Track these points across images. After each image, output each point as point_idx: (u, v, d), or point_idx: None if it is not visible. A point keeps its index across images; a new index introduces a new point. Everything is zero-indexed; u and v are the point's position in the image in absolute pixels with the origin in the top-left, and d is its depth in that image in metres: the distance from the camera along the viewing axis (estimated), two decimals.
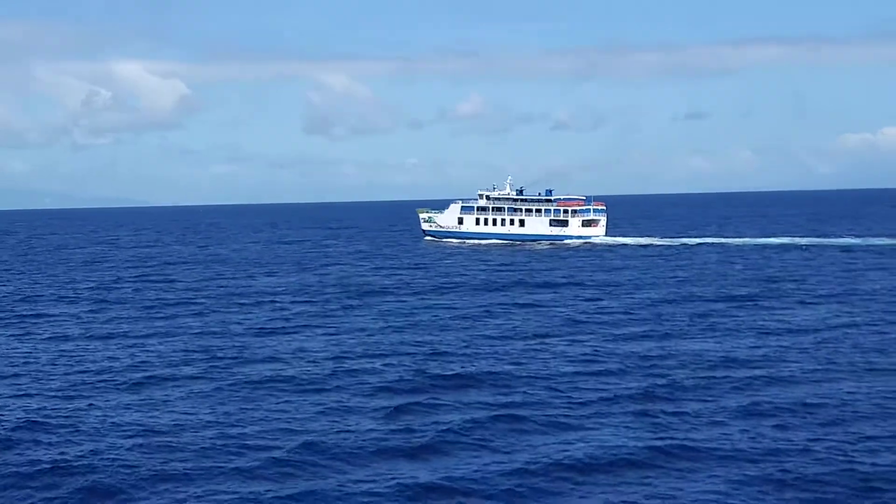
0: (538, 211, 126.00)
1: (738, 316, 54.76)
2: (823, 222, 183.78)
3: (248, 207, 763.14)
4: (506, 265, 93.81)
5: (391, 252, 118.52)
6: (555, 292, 68.81)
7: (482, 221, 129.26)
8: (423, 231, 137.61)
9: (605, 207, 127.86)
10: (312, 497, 25.03)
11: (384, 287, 74.06)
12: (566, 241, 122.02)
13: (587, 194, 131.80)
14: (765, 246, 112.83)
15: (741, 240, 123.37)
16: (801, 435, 29.38)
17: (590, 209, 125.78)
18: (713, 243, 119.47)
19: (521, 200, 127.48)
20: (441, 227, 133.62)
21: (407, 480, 25.92)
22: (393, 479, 26.03)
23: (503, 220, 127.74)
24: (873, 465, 26.46)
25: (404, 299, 66.13)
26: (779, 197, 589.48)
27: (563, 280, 77.50)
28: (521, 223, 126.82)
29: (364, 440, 29.41)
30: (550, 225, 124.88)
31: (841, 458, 27.10)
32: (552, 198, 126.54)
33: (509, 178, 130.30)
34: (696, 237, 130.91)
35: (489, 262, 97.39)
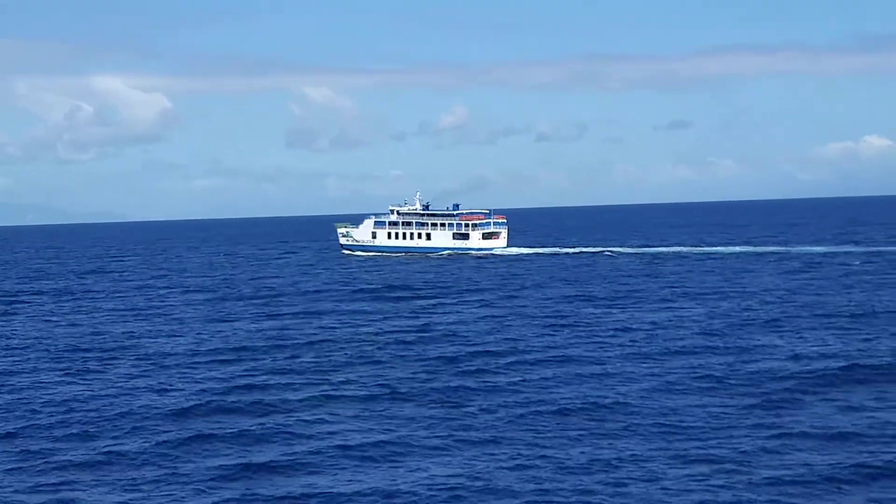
0: (442, 225, 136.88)
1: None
2: (728, 232, 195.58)
3: (231, 221, 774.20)
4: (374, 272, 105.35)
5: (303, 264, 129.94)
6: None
7: (393, 235, 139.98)
8: (341, 245, 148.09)
9: (505, 221, 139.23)
10: None
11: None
12: (469, 253, 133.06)
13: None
14: (641, 254, 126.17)
15: (627, 248, 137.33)
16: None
17: (490, 223, 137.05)
18: (597, 251, 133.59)
19: (428, 215, 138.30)
20: (357, 241, 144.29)
21: None
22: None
23: (412, 233, 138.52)
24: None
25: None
26: (755, 206, 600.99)
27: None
28: (428, 237, 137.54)
29: None
30: (454, 238, 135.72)
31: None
32: (455, 212, 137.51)
33: (418, 193, 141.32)
34: (591, 246, 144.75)
35: (377, 272, 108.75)
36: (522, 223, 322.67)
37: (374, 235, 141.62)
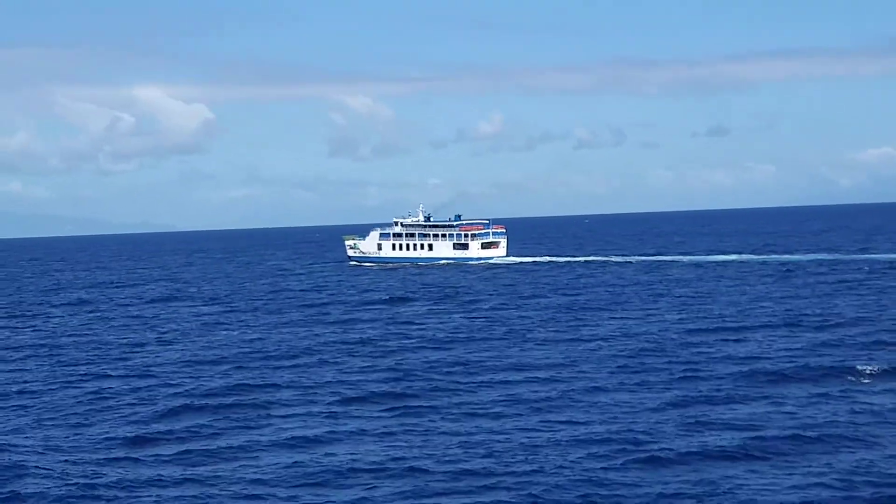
0: (443, 236, 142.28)
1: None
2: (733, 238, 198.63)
3: (268, 230, 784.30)
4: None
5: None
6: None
7: (397, 247, 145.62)
8: (349, 256, 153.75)
9: (504, 230, 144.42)
10: None
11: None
12: (470, 262, 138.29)
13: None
14: (626, 262, 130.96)
15: (622, 258, 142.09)
16: None
17: (489, 233, 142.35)
18: (590, 261, 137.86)
19: (430, 227, 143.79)
20: (363, 252, 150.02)
21: None
22: None
23: (414, 244, 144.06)
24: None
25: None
26: (795, 212, 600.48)
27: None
28: (430, 247, 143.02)
29: None
30: (454, 248, 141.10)
31: None
32: (455, 223, 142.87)
33: (421, 205, 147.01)
34: (582, 256, 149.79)
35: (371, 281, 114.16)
36: (556, 231, 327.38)
37: (379, 247, 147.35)
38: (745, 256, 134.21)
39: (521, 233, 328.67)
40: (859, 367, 46.33)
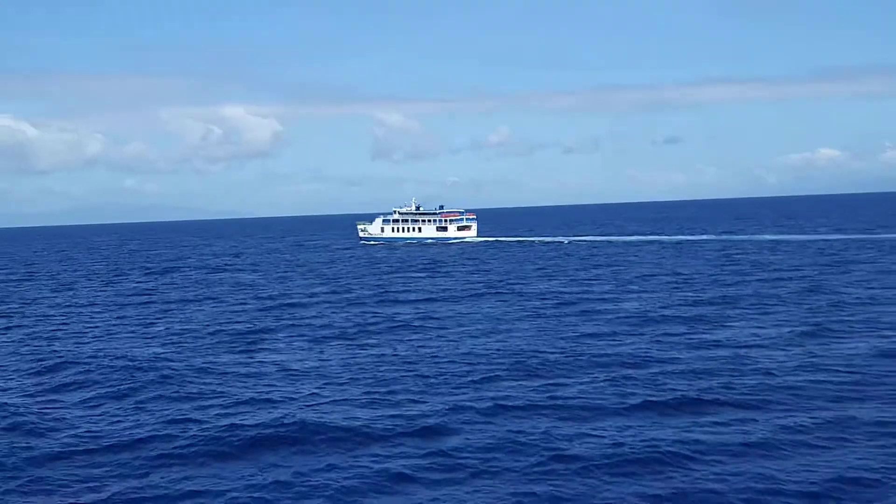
0: (429, 221, 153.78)
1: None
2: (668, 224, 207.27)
3: (328, 217, 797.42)
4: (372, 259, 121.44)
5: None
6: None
7: (395, 229, 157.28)
8: (360, 237, 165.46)
9: (475, 217, 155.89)
10: None
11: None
12: (449, 241, 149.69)
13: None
14: (560, 242, 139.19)
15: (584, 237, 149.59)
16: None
17: (463, 219, 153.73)
18: (546, 241, 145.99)
19: (419, 214, 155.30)
20: (370, 234, 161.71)
21: None
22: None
23: (408, 227, 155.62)
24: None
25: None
26: (732, 203, 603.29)
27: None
28: (419, 230, 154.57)
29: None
30: (437, 230, 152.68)
31: None
32: (438, 212, 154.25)
33: (413, 198, 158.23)
34: (536, 236, 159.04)
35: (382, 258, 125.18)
36: (538, 218, 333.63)
37: (382, 230, 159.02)
38: (648, 238, 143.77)
39: (512, 218, 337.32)
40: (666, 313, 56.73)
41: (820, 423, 27.50)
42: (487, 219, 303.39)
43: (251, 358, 42.64)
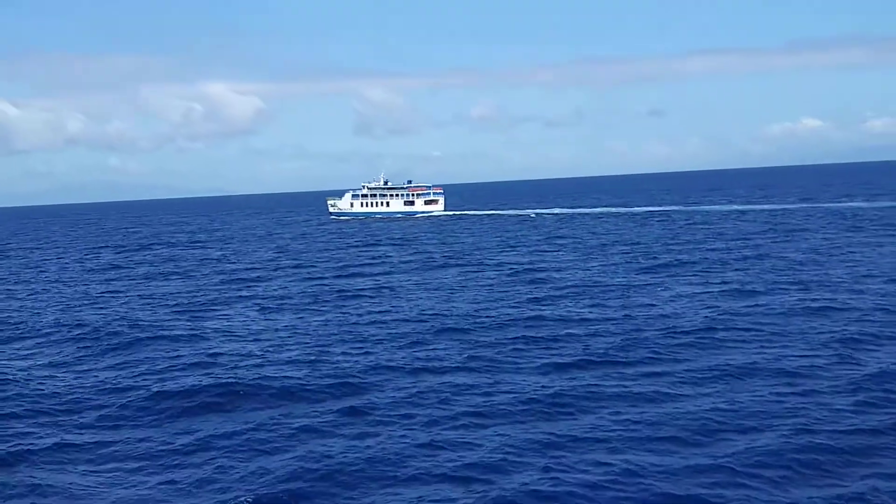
0: (397, 195, 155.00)
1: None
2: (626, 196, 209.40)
3: (311, 194, 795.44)
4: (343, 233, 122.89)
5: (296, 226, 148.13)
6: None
7: (364, 204, 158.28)
8: (330, 213, 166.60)
9: (442, 191, 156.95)
10: None
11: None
12: (416, 216, 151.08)
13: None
14: (526, 215, 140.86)
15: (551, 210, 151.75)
16: None
17: (430, 193, 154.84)
18: (513, 214, 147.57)
19: (387, 189, 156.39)
20: (340, 209, 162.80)
21: None
22: None
23: (376, 202, 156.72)
24: None
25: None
26: (710, 175, 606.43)
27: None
28: (387, 204, 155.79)
29: None
30: (404, 204, 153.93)
31: None
32: (406, 186, 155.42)
33: (382, 172, 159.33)
34: (505, 209, 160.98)
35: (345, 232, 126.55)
36: (513, 192, 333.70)
37: (351, 205, 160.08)
38: (617, 209, 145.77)
39: (491, 193, 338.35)
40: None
41: (724, 371, 29.34)
42: (468, 193, 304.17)
43: (201, 324, 44.10)
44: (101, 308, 52.70)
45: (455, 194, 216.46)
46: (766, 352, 32.20)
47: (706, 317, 39.17)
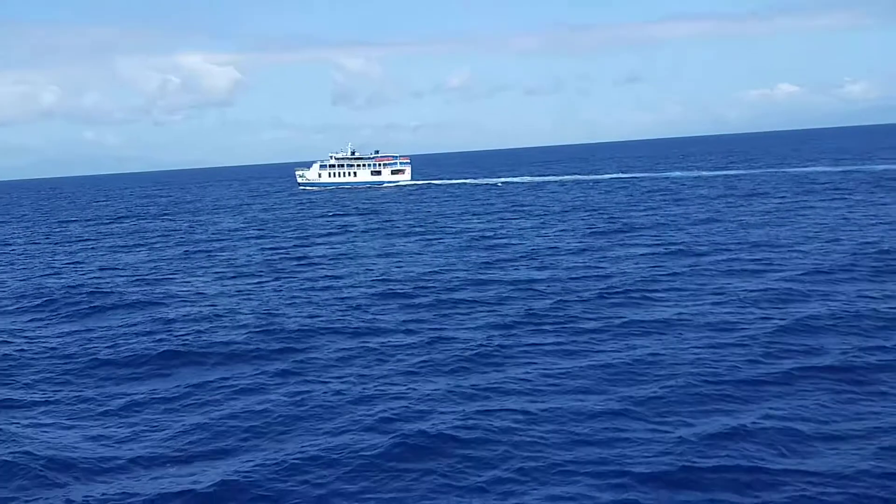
0: (364, 165, 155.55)
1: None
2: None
3: (291, 165, 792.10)
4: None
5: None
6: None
7: (332, 175, 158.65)
8: (298, 183, 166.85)
9: (409, 161, 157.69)
10: None
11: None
12: (383, 185, 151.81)
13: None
14: (493, 184, 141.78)
15: (518, 179, 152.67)
16: None
17: (397, 162, 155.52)
18: (478, 183, 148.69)
19: (354, 159, 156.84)
20: (308, 179, 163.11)
21: None
22: None
23: (344, 172, 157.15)
24: None
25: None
26: (688, 142, 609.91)
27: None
28: (354, 174, 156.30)
29: None
30: (371, 174, 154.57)
31: None
32: (372, 157, 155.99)
33: (349, 143, 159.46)
34: (473, 178, 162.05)
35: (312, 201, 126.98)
36: (486, 161, 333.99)
37: (319, 175, 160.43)
38: (579, 177, 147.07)
39: (465, 162, 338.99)
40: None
41: (652, 326, 30.55)
42: (443, 162, 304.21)
43: (159, 293, 44.78)
44: (63, 277, 53.21)
45: (431, 164, 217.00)
46: (696, 308, 33.35)
47: (645, 277, 40.33)
